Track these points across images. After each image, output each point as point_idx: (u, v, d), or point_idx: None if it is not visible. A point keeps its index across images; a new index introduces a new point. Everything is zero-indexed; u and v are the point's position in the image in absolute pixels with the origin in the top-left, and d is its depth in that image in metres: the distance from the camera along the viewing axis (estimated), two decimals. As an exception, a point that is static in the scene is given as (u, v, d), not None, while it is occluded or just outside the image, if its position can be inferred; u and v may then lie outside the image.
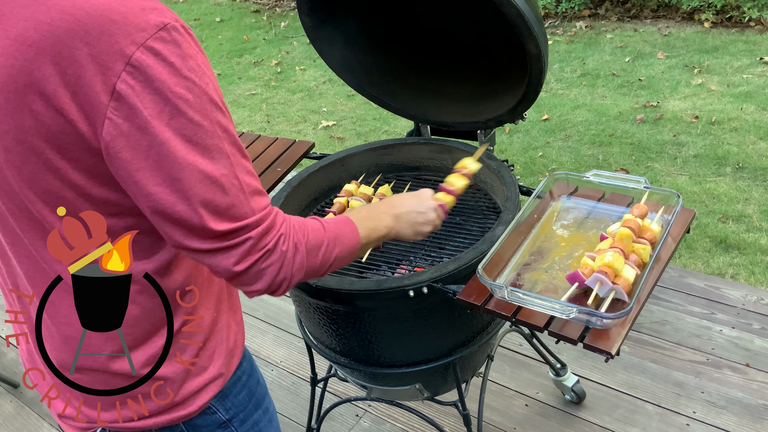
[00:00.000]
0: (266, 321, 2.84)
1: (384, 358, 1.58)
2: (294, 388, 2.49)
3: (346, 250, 1.06)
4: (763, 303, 2.51)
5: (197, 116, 0.81)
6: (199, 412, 1.05)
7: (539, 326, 1.25)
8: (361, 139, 4.46)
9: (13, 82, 0.78)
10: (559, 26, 5.79)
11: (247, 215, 0.87)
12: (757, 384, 2.20)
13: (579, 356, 2.39)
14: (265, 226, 0.90)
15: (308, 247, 0.97)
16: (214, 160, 0.83)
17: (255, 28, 7.12)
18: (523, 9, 1.39)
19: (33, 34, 0.77)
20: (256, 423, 1.16)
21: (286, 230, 0.94)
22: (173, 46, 0.79)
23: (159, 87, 0.78)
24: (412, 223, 1.24)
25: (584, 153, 3.84)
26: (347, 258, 1.07)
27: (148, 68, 0.77)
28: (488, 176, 1.80)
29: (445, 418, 2.24)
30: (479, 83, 1.80)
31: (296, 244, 0.95)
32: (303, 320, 1.75)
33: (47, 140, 0.80)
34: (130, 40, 0.76)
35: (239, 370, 1.12)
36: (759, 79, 4.32)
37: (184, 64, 0.79)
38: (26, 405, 2.59)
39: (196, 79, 0.80)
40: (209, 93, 0.82)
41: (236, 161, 0.86)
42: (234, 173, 0.85)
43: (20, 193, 0.85)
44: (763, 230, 2.98)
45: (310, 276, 1.01)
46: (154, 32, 0.77)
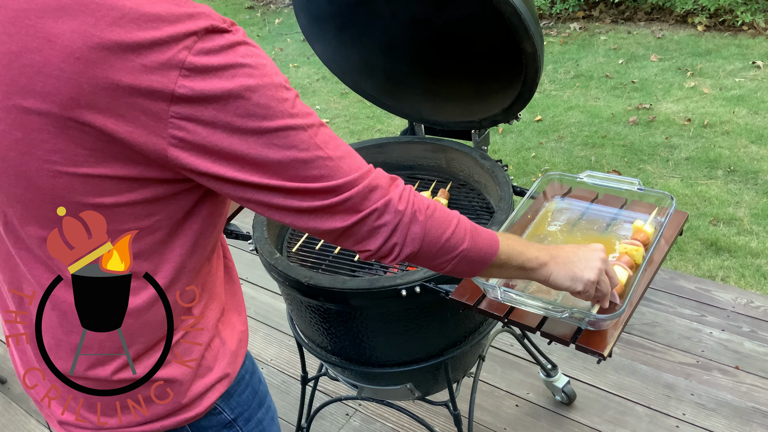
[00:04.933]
0: (256, 319, 2.82)
1: (375, 357, 1.57)
2: (284, 387, 2.48)
3: (477, 252, 0.98)
4: (752, 306, 2.53)
5: (263, 99, 0.80)
6: (205, 413, 1.04)
7: (532, 327, 1.24)
8: (354, 138, 4.45)
9: (58, 93, 0.76)
10: (553, 27, 5.80)
11: (342, 175, 0.86)
12: (746, 386, 2.21)
13: (570, 357, 2.39)
14: (365, 184, 0.88)
15: (429, 221, 0.93)
16: (290, 137, 0.83)
17: (249, 24, 7.09)
18: (519, 7, 1.39)
19: (81, 46, 0.75)
20: (260, 421, 1.15)
21: (405, 194, 0.92)
22: (225, 45, 0.78)
23: (218, 87, 0.77)
24: (570, 265, 1.10)
25: (577, 154, 3.85)
26: (475, 262, 1.00)
27: (205, 70, 0.77)
28: (482, 176, 1.79)
29: (435, 418, 2.24)
30: (474, 82, 1.79)
31: (415, 212, 0.92)
32: (294, 318, 1.74)
33: (86, 153, 0.79)
34: (183, 46, 0.76)
35: (243, 369, 1.11)
36: (751, 83, 4.35)
37: (238, 62, 0.79)
38: (13, 401, 2.56)
39: (253, 66, 0.80)
40: (269, 75, 0.81)
41: (313, 132, 0.85)
42: (315, 143, 0.85)
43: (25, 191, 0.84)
44: (753, 233, 3.00)
45: (428, 259, 0.96)
46: (205, 35, 0.77)
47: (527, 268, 1.06)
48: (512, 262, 1.04)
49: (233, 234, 1.72)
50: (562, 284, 1.09)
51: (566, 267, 1.09)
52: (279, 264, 1.48)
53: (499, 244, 1.01)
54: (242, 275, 3.02)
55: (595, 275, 1.10)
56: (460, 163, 1.87)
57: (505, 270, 1.05)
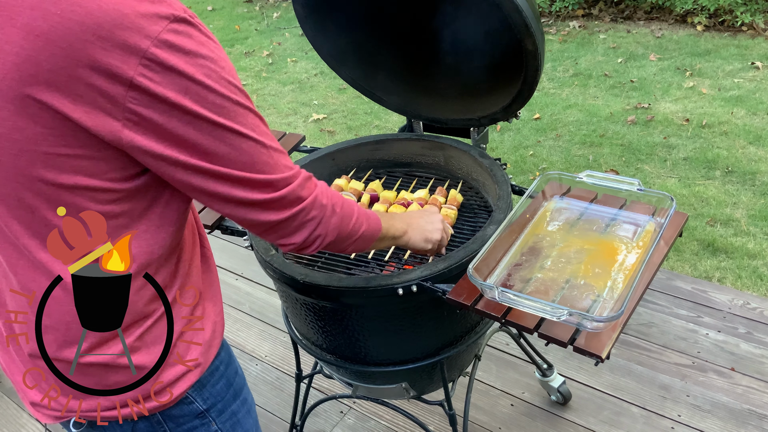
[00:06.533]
0: (252, 315, 2.81)
1: (370, 356, 1.56)
2: (278, 384, 2.46)
3: (370, 232, 1.15)
4: (749, 307, 2.52)
5: (218, 99, 0.84)
6: (176, 401, 1.04)
7: (529, 328, 1.23)
8: (351, 133, 4.43)
9: (17, 70, 0.77)
10: (552, 25, 5.78)
11: (282, 171, 0.94)
12: (741, 388, 2.20)
13: (565, 357, 2.38)
14: (299, 182, 0.97)
15: (343, 211, 1.07)
16: (242, 131, 0.88)
17: (247, 18, 7.06)
18: (520, 4, 1.37)
19: (41, 24, 0.76)
20: (234, 413, 1.15)
21: (324, 190, 1.03)
22: (186, 36, 0.80)
23: (177, 77, 0.80)
24: (422, 230, 1.35)
25: (575, 153, 3.84)
26: (369, 239, 1.15)
27: (165, 60, 0.78)
28: (480, 174, 1.78)
29: (430, 417, 2.23)
30: (474, 80, 1.77)
31: (333, 205, 1.04)
32: (289, 316, 1.72)
33: (46, 132, 0.80)
34: (144, 34, 0.77)
35: (217, 359, 1.11)
36: (750, 84, 4.34)
37: (198, 52, 0.81)
38: (5, 395, 2.55)
39: (211, 65, 0.83)
40: (226, 76, 0.85)
41: (261, 131, 0.91)
42: (261, 141, 0.91)
43: (16, 189, 0.84)
44: (750, 234, 2.99)
45: (339, 244, 1.09)
46: (167, 24, 0.79)
47: (396, 237, 1.27)
48: (388, 235, 1.23)
49: (229, 230, 1.70)
50: (417, 245, 1.34)
51: (419, 232, 1.34)
52: (274, 261, 1.47)
53: (381, 221, 1.19)
54: (237, 271, 3.01)
55: (440, 234, 1.38)
56: (459, 160, 1.85)
57: (382, 242, 1.23)
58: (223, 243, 3.21)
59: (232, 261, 3.09)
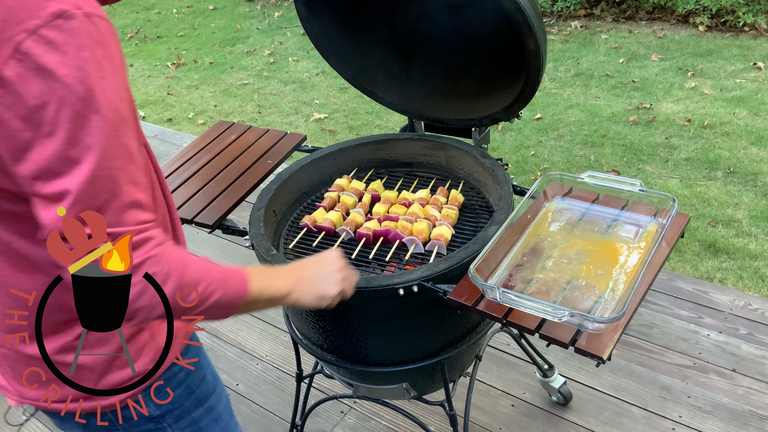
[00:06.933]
0: (252, 314, 2.81)
1: (371, 356, 1.56)
2: (279, 383, 2.46)
3: (230, 298, 0.98)
4: (750, 308, 2.52)
5: (84, 110, 0.77)
6: (122, 405, 1.04)
7: (531, 329, 1.23)
8: (353, 133, 4.43)
9: None
10: (554, 25, 5.78)
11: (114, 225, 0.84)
12: (743, 389, 2.20)
13: (566, 357, 2.38)
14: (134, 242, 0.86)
15: (181, 282, 0.90)
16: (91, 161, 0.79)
17: (248, 17, 7.05)
18: (523, 4, 1.37)
19: None
20: (196, 421, 1.14)
21: (160, 254, 0.88)
22: (69, 35, 0.76)
23: (46, 77, 0.75)
24: (314, 286, 1.17)
25: (576, 153, 3.83)
26: (230, 306, 0.99)
27: (38, 57, 0.74)
28: (482, 174, 1.78)
29: (430, 417, 2.22)
30: (475, 80, 1.77)
31: (168, 273, 0.89)
32: (290, 315, 1.72)
33: None
34: (22, 27, 0.74)
35: (175, 367, 1.10)
36: (752, 84, 4.33)
37: (77, 55, 0.76)
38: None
39: (89, 71, 0.77)
40: (100, 88, 0.78)
41: (119, 165, 0.82)
42: (112, 178, 0.82)
43: None
44: (752, 235, 2.99)
45: (179, 313, 0.93)
46: (50, 20, 0.75)
47: (275, 298, 1.09)
48: (262, 298, 1.05)
49: (230, 229, 1.70)
50: (310, 305, 1.17)
51: (311, 288, 1.16)
52: (275, 261, 1.46)
53: (249, 285, 1.01)
54: (238, 270, 3.00)
55: (338, 288, 1.19)
56: (460, 161, 1.85)
57: (256, 305, 1.06)
58: (223, 243, 3.21)
59: (232, 261, 3.09)
